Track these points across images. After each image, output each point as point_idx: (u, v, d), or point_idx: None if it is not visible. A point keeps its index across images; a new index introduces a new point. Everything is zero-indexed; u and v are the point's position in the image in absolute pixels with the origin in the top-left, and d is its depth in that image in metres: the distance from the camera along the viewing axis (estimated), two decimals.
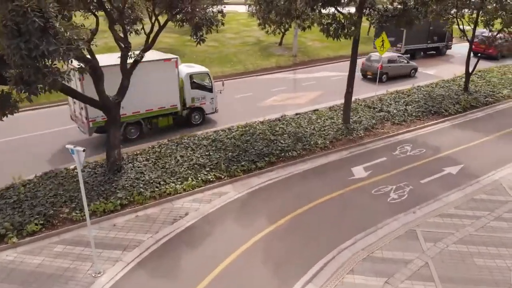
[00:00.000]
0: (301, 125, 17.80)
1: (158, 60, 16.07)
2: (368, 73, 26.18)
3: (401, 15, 16.25)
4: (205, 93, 17.96)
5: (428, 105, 20.52)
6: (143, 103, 15.85)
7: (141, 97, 15.40)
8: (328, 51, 34.55)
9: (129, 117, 15.72)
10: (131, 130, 16.27)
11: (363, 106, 20.57)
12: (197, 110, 18.06)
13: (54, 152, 15.56)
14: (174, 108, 16.85)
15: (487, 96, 22.22)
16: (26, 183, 12.55)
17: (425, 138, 17.29)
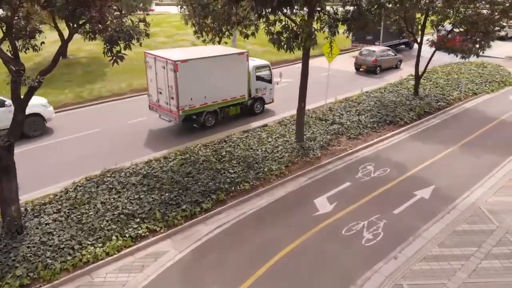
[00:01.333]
0: (250, 146, 15.38)
1: (233, 54, 17.15)
2: (362, 67, 28.25)
3: (355, 19, 14.37)
4: (266, 84, 19.51)
5: (381, 113, 19.06)
6: (220, 94, 17.09)
7: (219, 88, 16.76)
8: (270, 56, 32.38)
9: (208, 106, 17.07)
10: (209, 118, 17.51)
11: (314, 118, 18.64)
12: (259, 100, 19.52)
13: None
14: (243, 98, 18.26)
15: (439, 100, 21.33)
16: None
17: (386, 154, 15.65)
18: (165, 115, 17.12)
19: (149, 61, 16.64)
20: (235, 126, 17.88)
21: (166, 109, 16.58)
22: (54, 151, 15.45)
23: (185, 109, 16.14)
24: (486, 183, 13.49)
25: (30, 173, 13.12)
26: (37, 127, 16.52)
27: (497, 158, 15.33)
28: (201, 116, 16.99)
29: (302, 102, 15.24)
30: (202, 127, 17.21)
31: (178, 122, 16.61)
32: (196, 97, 16.17)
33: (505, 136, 17.56)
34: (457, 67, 28.80)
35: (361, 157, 15.38)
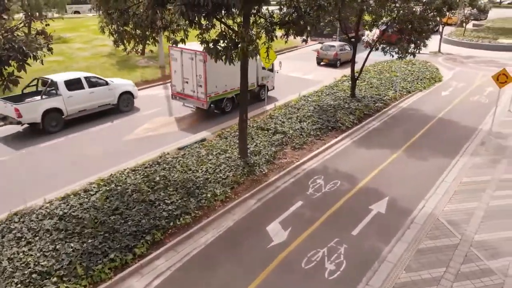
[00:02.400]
0: (189, 167, 13.60)
1: None
2: (324, 60, 30.35)
3: (294, 22, 13.19)
4: (269, 73, 21.61)
5: (323, 119, 18.22)
6: (237, 82, 16.33)
7: (236, 76, 15.98)
8: None
9: (228, 93, 19.10)
10: (227, 104, 19.50)
11: (256, 128, 17.30)
12: (263, 87, 21.37)
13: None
14: (252, 85, 20.20)
15: (376, 101, 21.05)
16: None
17: (333, 164, 14.72)
18: (190, 103, 19.23)
19: (174, 53, 18.45)
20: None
21: (192, 97, 18.65)
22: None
23: (212, 95, 18.32)
24: (439, 190, 13.03)
25: None
26: (129, 103, 20.40)
27: (444, 160, 15.08)
28: (222, 102, 19.10)
29: (244, 114, 13.77)
30: (222, 112, 19.37)
31: (206, 107, 18.47)
32: (219, 85, 18.42)
33: (446, 135, 17.55)
34: (387, 65, 29.20)
35: (309, 170, 14.30)
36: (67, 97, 17.58)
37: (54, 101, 17.20)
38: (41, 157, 15.08)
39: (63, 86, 17.56)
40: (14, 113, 16.08)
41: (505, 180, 13.57)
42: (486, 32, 44.81)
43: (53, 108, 17.10)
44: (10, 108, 16.18)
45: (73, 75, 18.49)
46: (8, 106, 16.25)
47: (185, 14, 8.36)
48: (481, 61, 33.35)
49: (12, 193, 12.20)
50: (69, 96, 17.64)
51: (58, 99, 17.34)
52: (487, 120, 19.53)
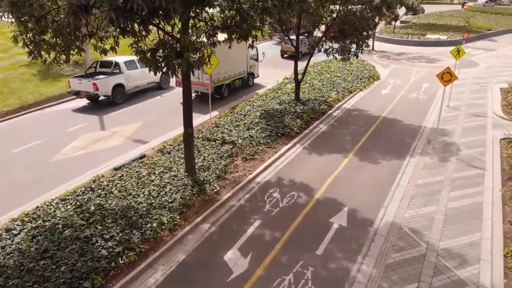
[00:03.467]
0: (128, 191, 12.05)
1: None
2: (287, 53, 32.07)
3: (237, 26, 12.16)
4: (255, 62, 24.64)
5: (271, 125, 17.40)
6: (233, 70, 22.17)
7: (232, 65, 21.45)
8: None
9: (226, 80, 21.99)
10: (225, 89, 22.19)
11: (202, 139, 16.05)
12: (251, 74, 24.55)
13: None
14: (244, 73, 23.59)
15: (321, 103, 20.66)
16: None
17: (287, 174, 13.92)
18: (195, 88, 19.73)
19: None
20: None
21: (197, 83, 20.12)
22: None
23: (215, 82, 20.82)
24: (396, 194, 12.69)
25: None
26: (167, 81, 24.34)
27: (395, 162, 14.89)
28: (221, 88, 21.84)
29: (189, 128, 12.47)
30: (221, 97, 21.87)
31: (211, 92, 19.72)
32: (220, 72, 20.85)
33: (392, 135, 17.51)
34: (326, 66, 29.22)
35: (264, 182, 13.35)
36: (127, 75, 21.53)
37: (119, 78, 21.18)
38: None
39: (124, 65, 21.39)
40: (91, 87, 19.94)
41: (457, 179, 13.58)
42: (413, 28, 46.96)
43: (119, 83, 21.14)
44: (87, 84, 20.05)
45: (128, 58, 21.58)
46: (84, 82, 20.15)
47: (114, 21, 6.94)
48: (412, 57, 34.66)
49: None
50: (128, 74, 21.57)
51: (121, 76, 21.29)
52: (429, 117, 19.90)
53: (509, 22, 54.87)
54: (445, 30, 46.10)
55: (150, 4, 7.09)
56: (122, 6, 6.90)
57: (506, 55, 35.92)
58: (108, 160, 14.92)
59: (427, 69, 30.09)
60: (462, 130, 17.95)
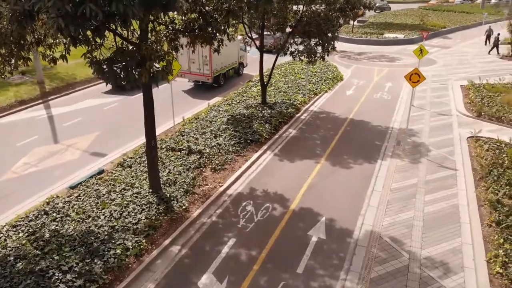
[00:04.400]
0: (87, 213, 10.94)
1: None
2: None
3: (201, 29, 11.36)
4: (244, 53, 26.84)
5: (239, 132, 16.67)
6: (228, 61, 24.72)
7: (227, 57, 23.92)
8: (86, 70, 26.87)
9: (223, 69, 24.42)
10: (221, 78, 24.62)
11: (166, 149, 15.07)
12: (241, 64, 26.64)
13: None
14: (236, 63, 26.02)
15: (288, 107, 20.14)
16: None
17: (260, 184, 13.25)
18: (196, 78, 23.78)
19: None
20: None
21: (198, 74, 23.22)
22: None
23: (214, 72, 23.17)
24: (372, 201, 12.33)
25: None
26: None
27: (367, 166, 14.59)
28: (218, 77, 24.06)
29: (152, 140, 11.50)
30: (218, 85, 24.15)
31: (211, 81, 23.29)
32: (218, 63, 23.39)
33: (362, 137, 17.27)
34: (290, 67, 28.81)
35: (236, 195, 12.60)
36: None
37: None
38: None
39: None
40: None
41: (430, 181, 13.44)
42: (371, 27, 47.64)
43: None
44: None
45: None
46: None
47: (64, 29, 5.95)
48: (373, 56, 34.98)
49: None
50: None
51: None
52: (395, 117, 19.87)
53: (461, 19, 57.05)
54: (401, 28, 47.11)
55: (105, 9, 6.15)
56: (72, 12, 5.92)
57: (462, 52, 37.08)
58: (63, 178, 13.66)
59: (388, 68, 30.40)
60: (430, 130, 18.00)
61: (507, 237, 10.04)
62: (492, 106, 19.97)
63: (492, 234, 10.51)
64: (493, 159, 14.23)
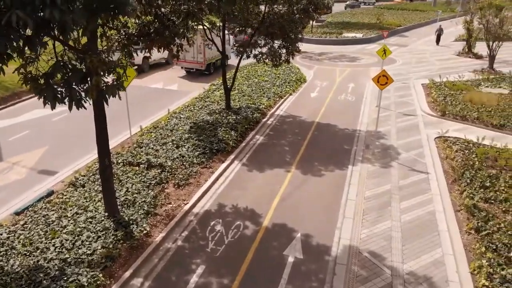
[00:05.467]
0: (35, 244, 9.61)
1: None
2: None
3: (158, 34, 10.31)
4: (228, 46, 25.30)
5: (204, 141, 15.67)
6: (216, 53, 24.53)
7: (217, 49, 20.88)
8: None
9: (213, 59, 27.30)
10: (212, 67, 27.49)
11: (123, 164, 13.82)
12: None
13: None
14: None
15: (254, 111, 19.32)
16: None
17: (229, 199, 12.34)
18: (190, 66, 26.95)
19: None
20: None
21: (193, 62, 26.40)
22: None
23: (207, 60, 26.38)
24: (347, 211, 11.73)
25: None
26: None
27: (339, 173, 14.04)
28: (209, 66, 26.95)
29: (106, 158, 10.29)
30: (209, 73, 26.99)
31: (204, 68, 26.58)
32: (210, 53, 26.22)
33: (330, 142, 16.76)
34: (252, 69, 28.06)
35: (203, 213, 11.61)
36: None
37: None
38: None
39: None
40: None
41: (403, 187, 13.05)
42: (329, 27, 47.80)
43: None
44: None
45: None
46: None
47: None
48: (333, 57, 34.90)
49: None
50: None
51: None
52: (361, 119, 19.56)
53: (415, 17, 58.62)
54: (359, 28, 47.60)
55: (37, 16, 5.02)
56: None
57: (419, 50, 37.79)
58: (6, 202, 12.13)
59: (350, 68, 30.32)
60: (397, 131, 17.77)
61: (488, 245, 9.71)
62: (455, 105, 20.09)
63: (473, 242, 10.17)
64: (463, 160, 14.06)
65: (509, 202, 11.57)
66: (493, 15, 26.41)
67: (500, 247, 9.61)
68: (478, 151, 14.76)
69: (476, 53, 33.47)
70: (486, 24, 26.95)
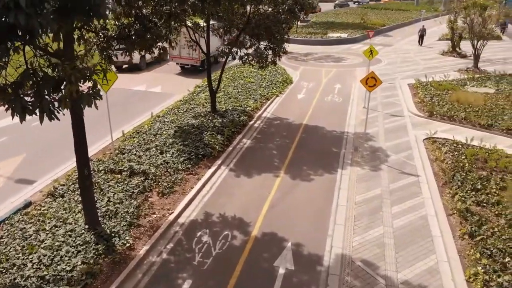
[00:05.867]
0: (11, 260, 9.02)
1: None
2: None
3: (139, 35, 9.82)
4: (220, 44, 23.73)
5: (189, 146, 15.19)
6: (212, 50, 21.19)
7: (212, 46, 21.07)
8: None
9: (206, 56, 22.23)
10: (205, 63, 21.68)
11: (104, 171, 13.26)
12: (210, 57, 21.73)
13: None
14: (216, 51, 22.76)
15: (240, 114, 18.90)
16: None
17: (216, 208, 11.89)
18: (185, 62, 27.76)
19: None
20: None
21: (188, 58, 27.05)
22: None
23: (202, 57, 26.36)
24: (338, 218, 11.41)
25: None
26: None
27: (328, 177, 13.74)
28: (203, 62, 26.41)
29: (85, 168, 9.74)
30: (203, 69, 26.81)
31: (199, 64, 27.19)
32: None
33: (318, 144, 16.46)
34: (238, 71, 27.63)
35: (189, 223, 11.13)
36: None
37: None
38: None
39: None
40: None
41: (394, 191, 12.80)
42: (314, 27, 47.66)
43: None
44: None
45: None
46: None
47: None
48: (319, 57, 34.67)
49: None
50: None
51: None
52: (349, 120, 19.32)
53: (398, 17, 58.96)
54: (343, 28, 47.59)
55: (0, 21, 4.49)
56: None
57: (404, 49, 37.88)
58: None
59: (336, 69, 30.13)
60: (385, 133, 17.57)
61: (483, 251, 9.49)
62: (442, 105, 20.01)
63: (467, 247, 9.95)
64: (453, 162, 13.90)
65: (502, 205, 11.41)
66: (477, 14, 26.49)
67: (495, 252, 9.41)
68: (467, 152, 14.62)
69: (460, 52, 33.68)
70: (470, 23, 27.02)
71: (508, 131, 17.13)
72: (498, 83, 24.52)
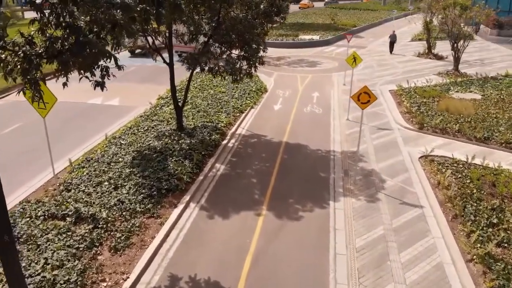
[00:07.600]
0: None
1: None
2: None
3: (74, 52, 7.24)
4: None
5: (150, 178, 12.64)
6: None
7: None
8: None
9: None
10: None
11: (42, 218, 10.54)
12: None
13: None
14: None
15: (211, 132, 16.46)
16: None
17: (184, 268, 9.43)
18: (184, 50, 25.11)
19: None
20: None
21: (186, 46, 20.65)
22: None
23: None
24: (339, 273, 9.26)
25: None
26: None
27: (319, 213, 11.60)
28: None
29: (5, 234, 7.02)
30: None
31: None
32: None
33: (302, 168, 14.32)
34: (206, 78, 25.09)
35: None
36: None
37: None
38: None
39: None
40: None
41: (399, 229, 10.78)
42: (284, 29, 45.65)
43: None
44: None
45: None
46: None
47: None
48: (292, 61, 32.68)
49: None
50: None
51: None
52: (333, 136, 17.30)
53: (368, 17, 58.04)
54: (314, 29, 45.95)
55: None
56: None
57: (378, 51, 36.49)
58: None
59: (311, 74, 28.19)
60: (375, 151, 15.64)
61: None
62: (432, 115, 18.32)
63: None
64: (459, 189, 12.05)
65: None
66: (457, 14, 25.16)
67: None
68: (472, 175, 12.85)
69: (436, 54, 32.54)
70: (451, 24, 25.67)
71: (507, 145, 15.58)
72: (483, 87, 23.26)
